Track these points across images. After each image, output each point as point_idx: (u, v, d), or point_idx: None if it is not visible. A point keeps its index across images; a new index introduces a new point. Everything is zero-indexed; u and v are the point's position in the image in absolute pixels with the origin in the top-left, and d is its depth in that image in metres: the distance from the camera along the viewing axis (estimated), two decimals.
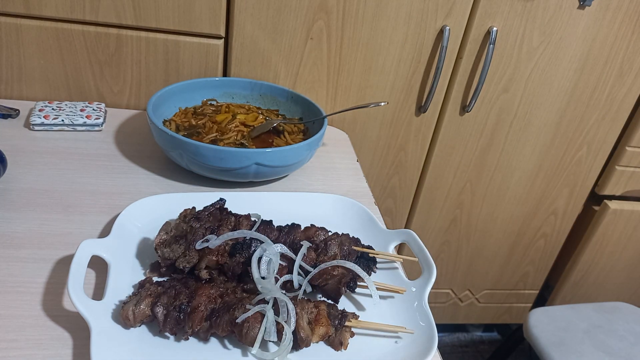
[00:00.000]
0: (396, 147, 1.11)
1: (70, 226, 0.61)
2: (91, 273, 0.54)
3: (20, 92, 0.90)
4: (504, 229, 1.30)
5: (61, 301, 0.51)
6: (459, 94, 1.05)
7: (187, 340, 0.47)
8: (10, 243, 0.57)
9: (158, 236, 0.56)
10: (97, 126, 0.83)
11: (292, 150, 0.72)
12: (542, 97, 1.08)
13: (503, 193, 1.23)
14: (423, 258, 0.58)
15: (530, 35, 0.99)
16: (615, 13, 0.99)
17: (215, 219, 0.58)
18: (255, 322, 0.47)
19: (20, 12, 0.82)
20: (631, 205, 1.24)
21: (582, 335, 1.06)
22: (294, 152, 0.72)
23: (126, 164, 0.76)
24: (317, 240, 0.58)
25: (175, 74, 0.92)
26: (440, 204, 1.22)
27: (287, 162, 0.72)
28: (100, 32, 0.86)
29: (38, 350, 0.46)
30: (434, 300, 1.41)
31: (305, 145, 0.73)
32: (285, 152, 0.71)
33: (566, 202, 1.27)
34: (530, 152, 1.16)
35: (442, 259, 1.33)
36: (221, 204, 0.60)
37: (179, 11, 0.86)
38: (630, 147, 1.16)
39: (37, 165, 0.72)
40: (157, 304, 0.47)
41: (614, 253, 1.33)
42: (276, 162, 0.71)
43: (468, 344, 1.64)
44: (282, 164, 0.72)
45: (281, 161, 0.71)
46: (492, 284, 1.41)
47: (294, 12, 0.90)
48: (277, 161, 0.71)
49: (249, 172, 0.70)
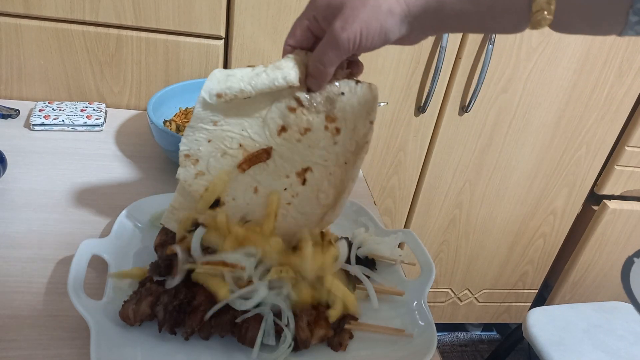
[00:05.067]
0: (395, 147, 1.11)
1: (70, 226, 0.61)
2: (91, 273, 0.54)
3: (20, 92, 0.90)
4: (503, 229, 1.30)
5: (61, 301, 0.51)
6: (458, 94, 1.05)
7: (187, 340, 0.47)
8: (10, 243, 0.58)
9: (158, 236, 0.56)
10: (98, 126, 0.83)
11: None
12: (541, 97, 1.08)
13: (502, 193, 1.23)
14: (422, 258, 0.58)
15: (529, 36, 0.99)
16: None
17: None
18: (255, 323, 0.47)
19: (20, 12, 0.82)
20: (630, 205, 1.25)
21: (581, 335, 1.06)
22: None
23: (126, 164, 0.76)
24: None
25: (175, 74, 0.92)
26: (439, 204, 1.22)
27: None
28: (101, 33, 0.86)
29: (38, 350, 0.46)
30: (433, 299, 1.41)
31: None
32: None
33: (565, 201, 1.27)
34: (529, 152, 1.16)
35: (442, 258, 1.33)
36: None
37: (179, 12, 0.86)
38: (629, 146, 1.16)
39: (37, 165, 0.72)
40: (157, 303, 0.47)
41: (613, 252, 1.33)
42: None
43: (467, 343, 1.64)
44: None
45: None
46: (491, 283, 1.41)
47: (294, 13, 0.90)
48: None
49: None
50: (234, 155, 0.50)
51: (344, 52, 0.44)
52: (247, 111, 0.49)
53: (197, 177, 0.51)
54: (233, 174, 0.51)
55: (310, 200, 0.51)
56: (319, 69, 0.46)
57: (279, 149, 0.50)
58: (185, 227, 0.51)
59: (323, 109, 0.49)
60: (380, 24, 0.42)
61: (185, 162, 0.50)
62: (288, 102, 0.49)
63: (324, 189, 0.50)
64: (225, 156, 0.50)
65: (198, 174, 0.51)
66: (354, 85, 0.48)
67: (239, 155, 0.50)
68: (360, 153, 0.48)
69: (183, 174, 0.51)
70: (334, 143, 0.49)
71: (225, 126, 0.49)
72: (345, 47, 0.43)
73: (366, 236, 0.60)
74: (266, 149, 0.50)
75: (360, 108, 0.48)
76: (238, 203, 0.52)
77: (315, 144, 0.49)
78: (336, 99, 0.48)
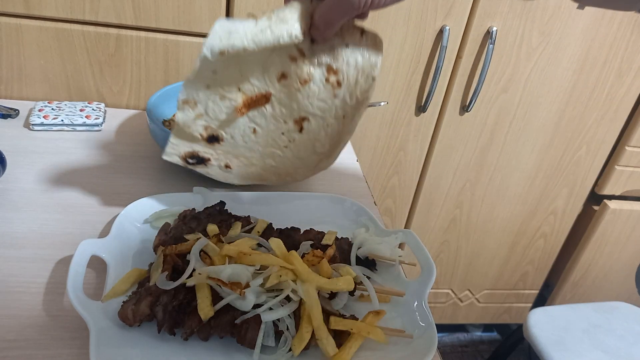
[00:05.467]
0: (396, 147, 1.11)
1: (70, 226, 0.61)
2: (91, 273, 0.54)
3: (20, 92, 0.90)
4: (504, 229, 1.30)
5: (61, 301, 0.51)
6: (458, 94, 1.05)
7: (186, 340, 0.47)
8: (11, 243, 0.58)
9: (157, 237, 0.56)
10: (97, 126, 0.83)
11: None
12: (542, 97, 1.08)
13: (502, 193, 1.23)
14: (423, 258, 0.58)
15: (530, 35, 0.99)
16: (614, 13, 0.99)
17: (215, 220, 0.58)
18: (255, 324, 0.47)
19: (20, 12, 0.82)
20: (630, 205, 1.24)
21: (581, 335, 1.06)
22: None
23: (126, 164, 0.76)
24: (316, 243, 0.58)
25: (175, 73, 0.92)
26: (439, 204, 1.22)
27: None
28: (100, 32, 0.86)
29: (38, 350, 0.46)
30: (434, 300, 1.41)
31: None
32: None
33: (565, 201, 1.27)
34: (529, 152, 1.16)
35: (442, 258, 1.33)
36: (221, 206, 0.60)
37: (178, 11, 0.86)
38: (630, 146, 1.16)
39: (37, 165, 0.72)
40: (156, 304, 0.47)
41: (614, 253, 1.33)
42: None
43: (468, 344, 1.64)
44: None
45: None
46: (491, 283, 1.41)
47: None
48: None
49: None
50: (233, 98, 0.50)
51: (354, 11, 0.42)
52: (247, 59, 0.49)
53: (197, 119, 0.51)
54: (232, 116, 0.51)
55: (306, 147, 0.51)
56: (325, 23, 0.44)
57: (277, 95, 0.50)
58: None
59: (325, 61, 0.48)
60: None
61: (183, 107, 0.51)
62: (289, 50, 0.48)
63: (320, 138, 0.50)
64: (224, 99, 0.50)
65: (197, 116, 0.51)
66: (359, 37, 0.47)
67: (238, 99, 0.50)
68: (359, 108, 0.48)
69: (181, 117, 0.51)
70: (333, 96, 0.49)
71: (224, 73, 0.49)
72: (356, 6, 0.41)
73: (366, 236, 0.60)
74: (265, 94, 0.50)
75: (363, 62, 0.48)
76: (236, 141, 0.52)
77: (314, 95, 0.49)
78: (339, 51, 0.47)
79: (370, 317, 0.50)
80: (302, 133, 0.51)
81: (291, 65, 0.48)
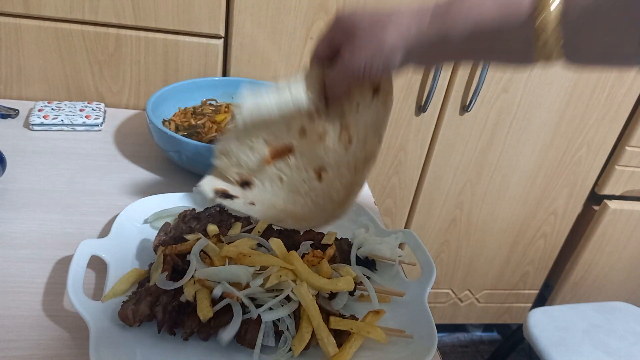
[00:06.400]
0: (396, 146, 1.11)
1: (70, 226, 0.61)
2: (91, 273, 0.54)
3: (20, 92, 0.90)
4: (504, 229, 1.30)
5: (61, 301, 0.51)
6: (458, 93, 1.05)
7: (186, 340, 0.47)
8: (10, 243, 0.57)
9: (157, 237, 0.56)
10: (97, 126, 0.83)
11: None
12: (542, 97, 1.08)
13: (503, 193, 1.23)
14: (423, 258, 0.58)
15: None
16: None
17: (215, 220, 0.58)
18: (255, 325, 0.47)
19: (20, 12, 0.82)
20: (631, 205, 1.24)
21: (581, 335, 1.06)
22: None
23: (126, 164, 0.76)
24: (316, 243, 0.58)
25: (174, 73, 0.92)
26: (440, 204, 1.22)
27: None
28: (100, 32, 0.86)
29: (38, 350, 0.46)
30: (434, 300, 1.41)
31: None
32: None
33: (566, 201, 1.27)
34: (530, 152, 1.16)
35: (442, 259, 1.33)
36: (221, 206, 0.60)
37: (178, 11, 0.86)
38: (630, 146, 1.16)
39: (36, 165, 0.72)
40: (156, 304, 0.47)
41: (614, 253, 1.33)
42: None
43: (468, 344, 1.64)
44: None
45: None
46: (492, 283, 1.41)
47: (293, 12, 0.90)
48: None
49: None
50: (260, 149, 0.57)
51: (352, 79, 0.50)
52: (272, 118, 0.56)
53: (231, 167, 0.58)
54: (261, 166, 0.58)
55: (324, 195, 0.57)
56: (333, 87, 0.52)
57: (299, 147, 0.56)
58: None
59: (338, 120, 0.54)
60: (382, 60, 0.47)
61: (219, 156, 0.58)
62: (308, 109, 0.55)
63: (336, 188, 0.56)
64: (253, 151, 0.57)
65: (232, 165, 0.58)
66: (370, 98, 0.53)
67: (265, 150, 0.57)
68: (368, 162, 0.54)
69: (219, 164, 0.58)
70: (346, 151, 0.55)
71: (252, 130, 0.56)
72: (354, 75, 0.48)
73: (366, 236, 0.60)
74: (288, 146, 0.56)
75: (371, 123, 0.53)
76: (265, 187, 0.58)
77: (329, 149, 0.55)
78: (351, 111, 0.54)
79: (370, 317, 0.50)
80: (321, 182, 0.57)
81: (309, 123, 0.55)
